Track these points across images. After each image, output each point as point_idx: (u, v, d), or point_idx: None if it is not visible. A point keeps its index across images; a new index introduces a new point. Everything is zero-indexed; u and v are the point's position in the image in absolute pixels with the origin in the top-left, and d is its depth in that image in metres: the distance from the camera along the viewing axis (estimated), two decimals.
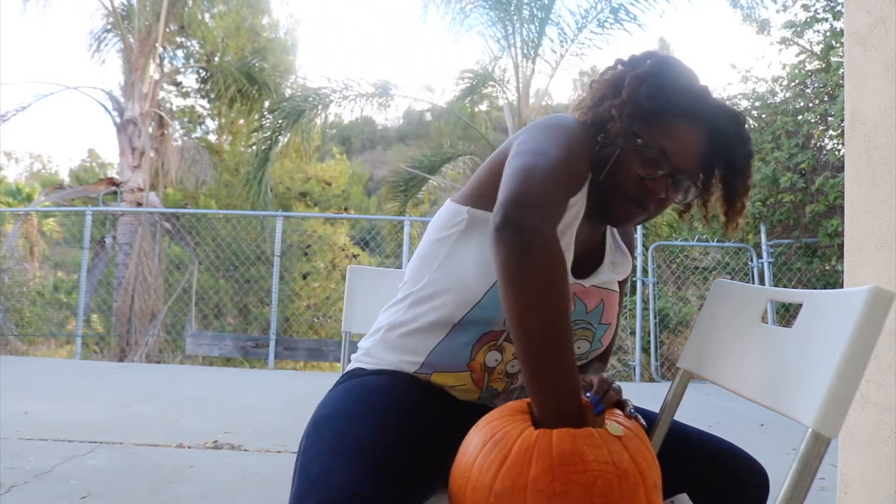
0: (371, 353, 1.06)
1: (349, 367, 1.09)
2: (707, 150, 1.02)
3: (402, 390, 0.98)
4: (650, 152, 0.99)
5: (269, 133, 9.01)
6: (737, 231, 1.13)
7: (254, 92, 10.28)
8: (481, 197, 1.01)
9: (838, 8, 6.67)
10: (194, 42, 11.87)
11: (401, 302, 1.06)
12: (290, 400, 4.20)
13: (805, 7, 7.18)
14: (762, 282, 6.71)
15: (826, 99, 6.99)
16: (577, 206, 1.01)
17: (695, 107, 1.00)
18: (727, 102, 1.05)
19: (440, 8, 8.70)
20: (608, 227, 1.15)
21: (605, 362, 1.18)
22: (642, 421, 0.87)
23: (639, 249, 6.85)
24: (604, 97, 1.04)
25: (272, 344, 6.83)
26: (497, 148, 1.05)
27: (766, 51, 17.71)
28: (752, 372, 0.91)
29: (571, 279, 1.04)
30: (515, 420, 0.78)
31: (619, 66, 1.07)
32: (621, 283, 1.17)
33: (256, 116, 10.75)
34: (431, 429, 0.93)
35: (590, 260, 1.10)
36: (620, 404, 0.89)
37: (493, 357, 1.00)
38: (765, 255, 6.77)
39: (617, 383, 0.91)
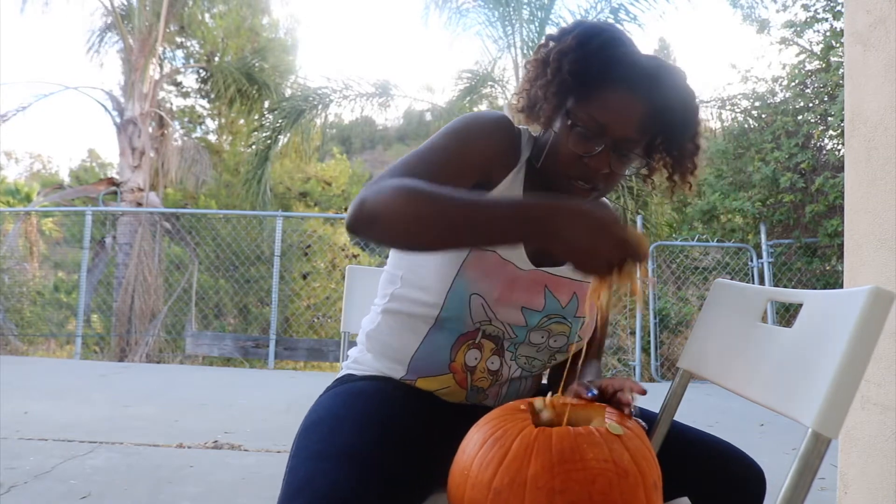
0: (359, 361, 1.09)
1: (339, 374, 1.10)
2: (645, 114, 0.95)
3: (390, 395, 0.99)
4: (585, 128, 0.95)
5: (268, 133, 9.01)
6: (692, 192, 1.10)
7: (254, 92, 10.28)
8: None
9: (838, 8, 6.67)
10: (194, 42, 11.87)
11: (375, 311, 1.09)
12: (290, 400, 4.20)
13: (805, 7, 7.19)
14: (762, 282, 6.71)
15: (826, 99, 6.99)
16: (509, 192, 1.01)
17: (626, 72, 0.94)
18: (665, 61, 0.99)
19: (440, 8, 8.71)
20: None
21: (599, 359, 1.17)
22: (643, 424, 0.87)
23: None
24: (534, 78, 1.01)
25: (272, 344, 6.83)
26: None
27: (766, 51, 17.76)
28: (752, 372, 0.91)
29: (542, 268, 1.01)
30: (515, 418, 0.78)
31: (550, 43, 1.00)
32: None
33: (256, 116, 10.76)
34: (420, 432, 0.93)
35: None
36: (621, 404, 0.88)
37: (473, 356, 1.01)
38: (765, 255, 6.77)
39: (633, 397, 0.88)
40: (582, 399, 0.87)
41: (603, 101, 0.95)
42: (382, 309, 1.07)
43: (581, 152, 0.96)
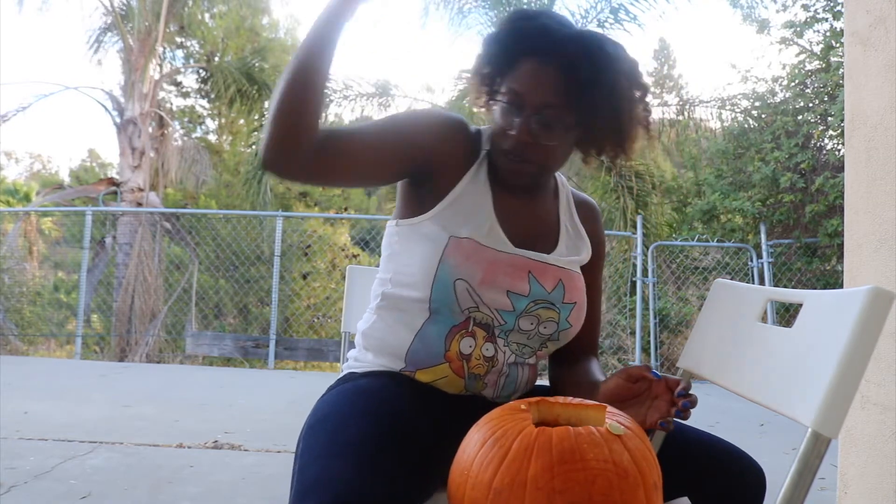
0: (358, 359, 1.11)
1: (341, 374, 1.11)
2: (562, 80, 0.97)
3: (394, 390, 0.99)
4: (505, 102, 1.00)
5: None
6: (630, 159, 1.11)
7: (254, 92, 10.28)
8: (401, 208, 1.10)
9: (838, 8, 6.67)
10: (194, 42, 11.88)
11: (369, 312, 1.13)
12: (290, 400, 4.20)
13: (805, 7, 7.19)
14: (762, 282, 6.71)
15: (826, 99, 6.99)
16: (476, 183, 1.05)
17: (537, 42, 0.98)
18: (594, 32, 1.03)
19: (440, 8, 8.71)
20: (563, 205, 1.16)
21: (596, 357, 1.17)
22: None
23: (639, 249, 6.85)
24: (473, 67, 1.07)
25: (272, 344, 6.83)
26: None
27: (766, 51, 17.72)
28: (752, 372, 0.91)
29: (524, 252, 1.05)
30: (515, 418, 0.78)
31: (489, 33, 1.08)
32: (591, 274, 1.16)
33: (256, 116, 10.76)
34: (425, 426, 0.94)
35: (542, 240, 1.10)
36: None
37: (468, 343, 1.03)
38: (765, 255, 6.77)
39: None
40: (644, 377, 0.88)
41: (517, 73, 1.00)
42: (375, 307, 1.10)
43: (506, 126, 1.01)
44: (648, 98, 1.05)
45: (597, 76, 0.96)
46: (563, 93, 0.98)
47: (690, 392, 0.87)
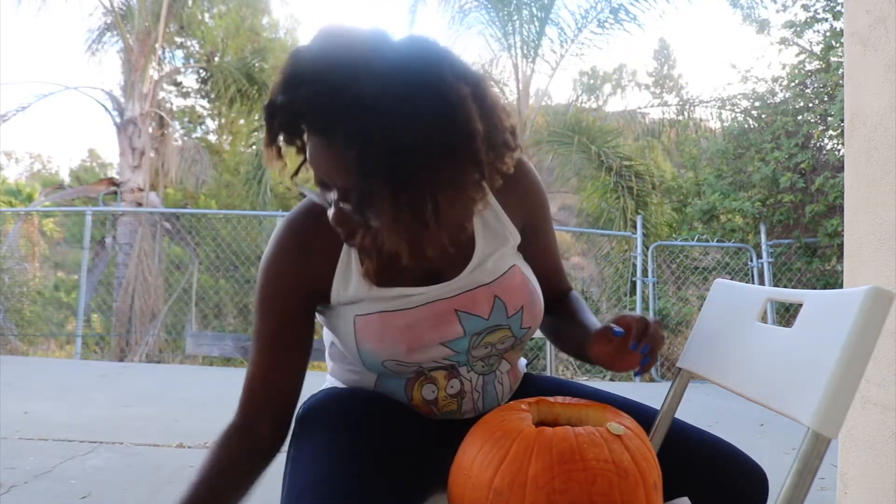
0: (337, 384, 1.09)
1: (323, 388, 1.09)
2: (335, 147, 0.74)
3: (384, 398, 0.99)
4: (316, 190, 0.84)
5: None
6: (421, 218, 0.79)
7: (254, 92, 10.27)
8: None
9: (838, 8, 6.67)
10: (194, 42, 11.87)
11: (327, 355, 1.11)
12: None
13: (805, 7, 7.19)
14: (762, 282, 6.71)
15: (826, 99, 6.99)
16: (342, 262, 0.93)
17: (312, 115, 0.73)
18: (333, 63, 0.73)
19: (439, 7, 8.71)
20: (479, 210, 0.90)
21: (571, 289, 1.16)
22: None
23: (639, 249, 6.85)
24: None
25: None
26: None
27: (766, 51, 17.76)
28: (752, 372, 0.91)
29: (438, 290, 0.92)
30: (515, 418, 0.78)
31: None
32: (539, 236, 1.04)
33: (256, 116, 10.75)
34: (418, 428, 0.94)
35: (458, 254, 0.91)
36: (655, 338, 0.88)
37: (430, 390, 0.98)
38: (765, 255, 6.77)
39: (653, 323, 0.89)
40: (612, 341, 0.89)
41: (308, 154, 0.78)
42: (329, 354, 1.09)
43: (325, 207, 0.84)
44: (482, 91, 0.79)
45: (382, 149, 0.71)
46: (355, 176, 0.74)
47: (649, 331, 0.88)
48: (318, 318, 1.02)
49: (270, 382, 0.94)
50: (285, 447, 0.95)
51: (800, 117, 7.28)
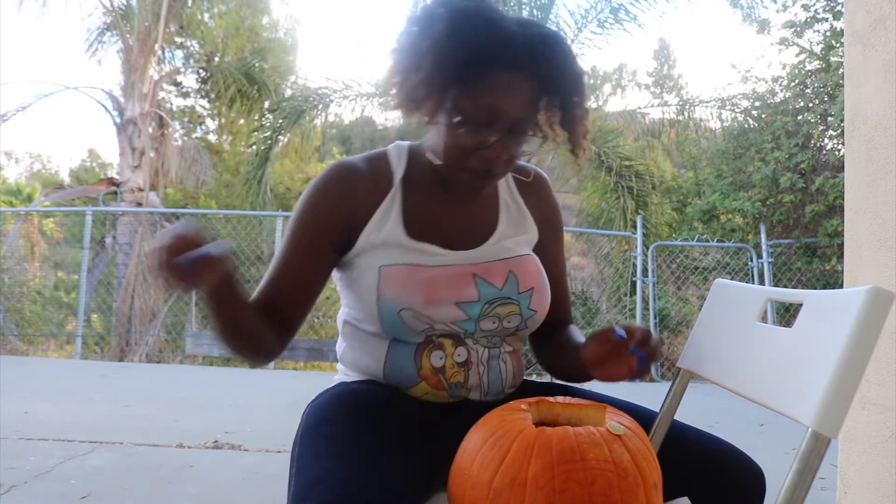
0: (347, 373, 1.10)
1: (332, 384, 1.10)
2: (532, 90, 0.93)
3: (389, 395, 1.00)
4: (477, 120, 0.91)
5: (269, 133, 9.01)
6: (584, 156, 1.03)
7: (254, 92, 10.28)
8: None
9: (838, 8, 6.67)
10: (194, 42, 11.87)
11: (339, 336, 1.13)
12: (290, 400, 4.19)
13: (805, 7, 7.19)
14: (762, 282, 6.71)
15: (826, 99, 6.99)
16: (382, 210, 1.01)
17: (505, 52, 0.90)
18: (538, 27, 0.95)
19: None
20: (504, 188, 1.11)
21: (571, 323, 1.18)
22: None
23: (639, 249, 6.85)
24: (407, 72, 0.94)
25: None
26: None
27: (766, 51, 17.72)
28: (752, 372, 0.91)
29: (459, 256, 1.01)
30: (515, 418, 0.78)
31: (413, 29, 0.94)
32: (550, 246, 1.13)
33: (256, 116, 10.76)
34: (423, 428, 0.94)
35: (482, 228, 1.06)
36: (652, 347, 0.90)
37: (438, 356, 1.01)
38: (765, 255, 6.77)
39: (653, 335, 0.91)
40: (611, 341, 0.90)
41: (490, 87, 0.91)
42: (341, 334, 1.11)
43: (475, 144, 0.93)
44: (588, 100, 1.01)
45: (567, 78, 0.95)
46: (535, 104, 0.95)
47: (650, 340, 0.89)
48: (338, 281, 1.08)
49: (281, 289, 1.01)
50: (284, 447, 0.95)
51: (800, 117, 7.28)
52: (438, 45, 0.90)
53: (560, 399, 0.85)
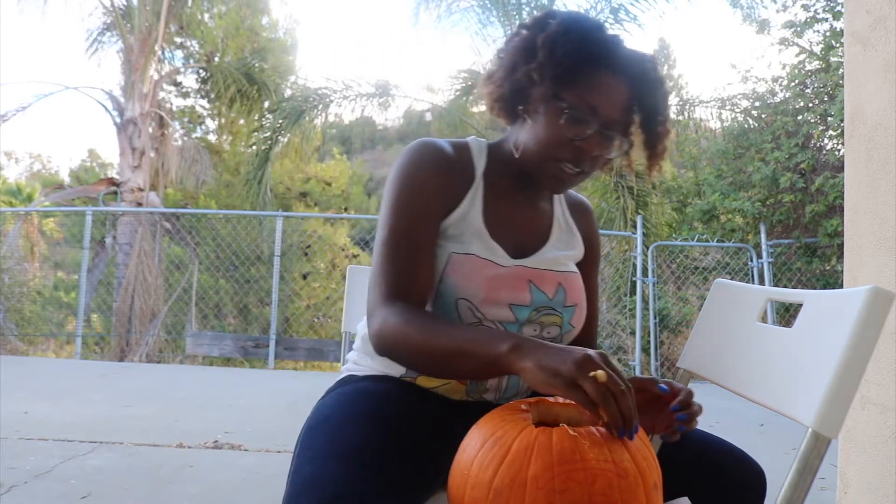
0: (358, 362, 1.10)
1: (340, 377, 1.10)
2: (629, 97, 1.00)
3: (394, 394, 0.99)
4: (578, 111, 0.97)
5: (269, 133, 9.01)
6: (659, 173, 1.12)
7: (253, 92, 10.28)
8: None
9: (838, 8, 6.67)
10: (194, 42, 11.86)
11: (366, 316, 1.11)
12: (290, 400, 4.20)
13: (805, 7, 7.19)
14: (762, 282, 6.71)
15: (826, 99, 6.99)
16: (474, 203, 1.04)
17: (611, 56, 0.99)
18: (635, 48, 1.04)
19: (438, 7, 8.70)
20: (557, 205, 1.16)
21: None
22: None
23: (639, 249, 6.85)
24: (516, 65, 1.01)
25: (272, 344, 6.83)
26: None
27: (766, 51, 17.73)
28: (752, 372, 0.91)
29: (521, 261, 1.04)
30: (515, 418, 0.78)
31: (524, 31, 1.03)
32: (587, 272, 1.16)
33: (256, 116, 10.76)
34: (424, 430, 0.94)
35: (536, 239, 1.10)
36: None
37: None
38: (765, 255, 6.77)
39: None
40: (651, 392, 0.86)
41: (594, 85, 0.97)
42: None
43: (572, 135, 0.98)
44: (670, 122, 1.08)
45: (659, 96, 1.02)
46: (629, 111, 1.01)
47: (692, 403, 0.86)
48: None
49: (414, 278, 0.97)
50: (284, 447, 0.95)
51: (800, 117, 7.28)
52: (551, 40, 0.97)
53: (560, 399, 0.85)
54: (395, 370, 1.04)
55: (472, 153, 1.08)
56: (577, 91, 0.97)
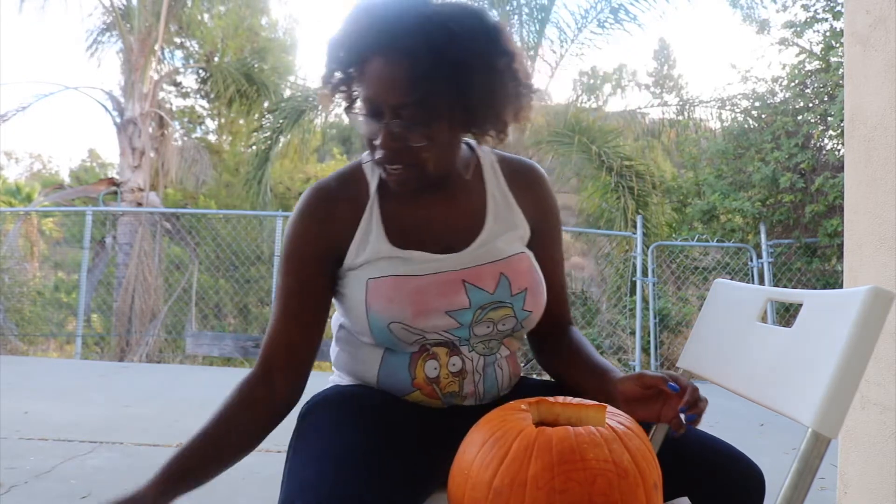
0: (342, 377, 1.10)
1: (326, 388, 1.09)
2: (414, 75, 0.86)
3: (382, 398, 0.99)
4: (362, 113, 0.91)
5: (269, 133, 9.02)
6: (501, 143, 0.99)
7: (253, 92, 10.28)
8: None
9: (838, 8, 6.67)
10: (194, 42, 11.87)
11: (334, 341, 1.11)
12: None
13: (805, 7, 7.19)
14: (762, 282, 6.71)
15: (826, 99, 6.99)
16: (363, 225, 0.99)
17: (380, 40, 0.87)
18: (431, 12, 0.89)
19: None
20: (491, 183, 1.05)
21: (571, 323, 1.14)
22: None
23: (639, 249, 6.85)
24: (324, 86, 0.98)
25: None
26: None
27: (766, 51, 17.73)
28: (752, 372, 0.91)
29: (449, 261, 0.98)
30: (515, 418, 0.78)
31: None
32: (548, 245, 1.08)
33: (256, 116, 10.76)
34: (417, 432, 0.94)
35: (468, 228, 1.02)
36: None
37: (432, 366, 0.99)
38: (765, 255, 6.77)
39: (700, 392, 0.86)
40: (658, 389, 0.86)
41: (366, 77, 0.90)
42: (336, 338, 1.09)
43: (370, 138, 0.92)
44: (518, 64, 0.93)
45: (441, 60, 0.86)
46: (415, 87, 0.87)
47: (700, 400, 0.86)
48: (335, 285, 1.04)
49: (288, 339, 0.97)
50: (285, 447, 0.95)
51: (800, 117, 7.28)
52: (336, 41, 0.91)
53: (560, 399, 0.85)
54: (372, 383, 1.03)
55: (364, 172, 1.02)
56: (358, 89, 0.92)
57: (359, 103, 0.93)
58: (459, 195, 1.03)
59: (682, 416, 0.85)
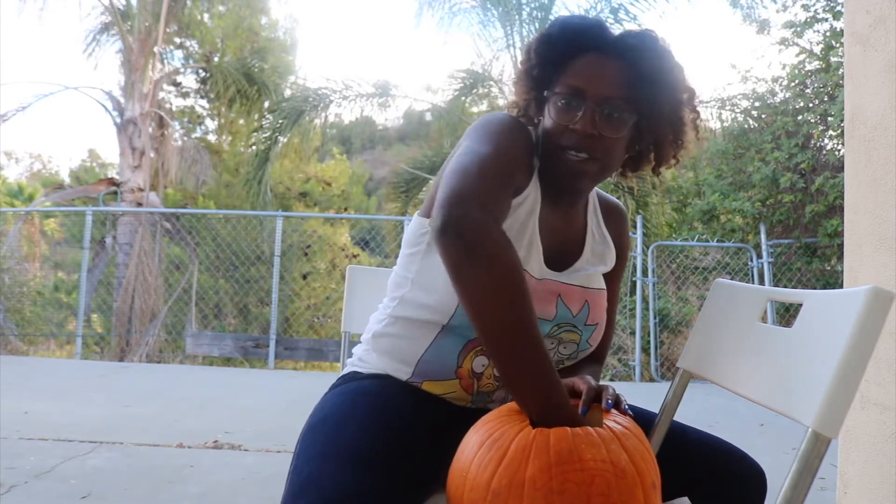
0: (364, 359, 1.07)
1: (344, 371, 1.09)
2: (622, 73, 0.97)
3: (396, 395, 0.98)
4: (565, 97, 0.97)
5: (268, 133, 9.01)
6: (667, 161, 1.07)
7: (253, 92, 10.28)
8: None
9: (838, 8, 6.67)
10: (193, 42, 11.87)
11: (384, 312, 1.07)
12: (290, 400, 4.20)
13: (805, 7, 7.19)
14: (762, 282, 6.71)
15: (826, 99, 6.99)
16: (530, 197, 1.01)
17: (596, 39, 0.99)
18: (648, 36, 1.00)
19: (439, 7, 8.70)
20: (592, 216, 1.12)
21: (600, 363, 1.15)
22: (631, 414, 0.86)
23: (639, 249, 6.85)
24: (519, 76, 1.06)
25: (272, 344, 6.83)
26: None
27: (766, 51, 17.71)
28: (752, 372, 0.91)
29: (550, 273, 1.02)
30: (513, 419, 0.78)
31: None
32: (611, 280, 1.14)
33: (256, 116, 10.76)
34: (424, 433, 0.93)
35: (569, 252, 1.08)
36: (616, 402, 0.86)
37: (481, 362, 0.99)
38: (765, 255, 6.77)
39: (612, 388, 0.87)
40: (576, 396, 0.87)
41: (576, 68, 0.98)
42: (391, 312, 1.04)
43: (566, 122, 0.97)
44: (696, 101, 1.04)
45: (659, 69, 0.97)
46: (625, 85, 0.97)
47: (602, 394, 0.86)
48: (416, 254, 1.02)
49: (503, 211, 0.90)
50: (285, 447, 0.95)
51: (800, 117, 7.28)
52: (536, 42, 1.02)
53: None
54: (401, 373, 1.02)
55: (534, 146, 1.03)
56: (565, 79, 0.99)
57: (557, 92, 0.99)
58: (575, 218, 1.10)
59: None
